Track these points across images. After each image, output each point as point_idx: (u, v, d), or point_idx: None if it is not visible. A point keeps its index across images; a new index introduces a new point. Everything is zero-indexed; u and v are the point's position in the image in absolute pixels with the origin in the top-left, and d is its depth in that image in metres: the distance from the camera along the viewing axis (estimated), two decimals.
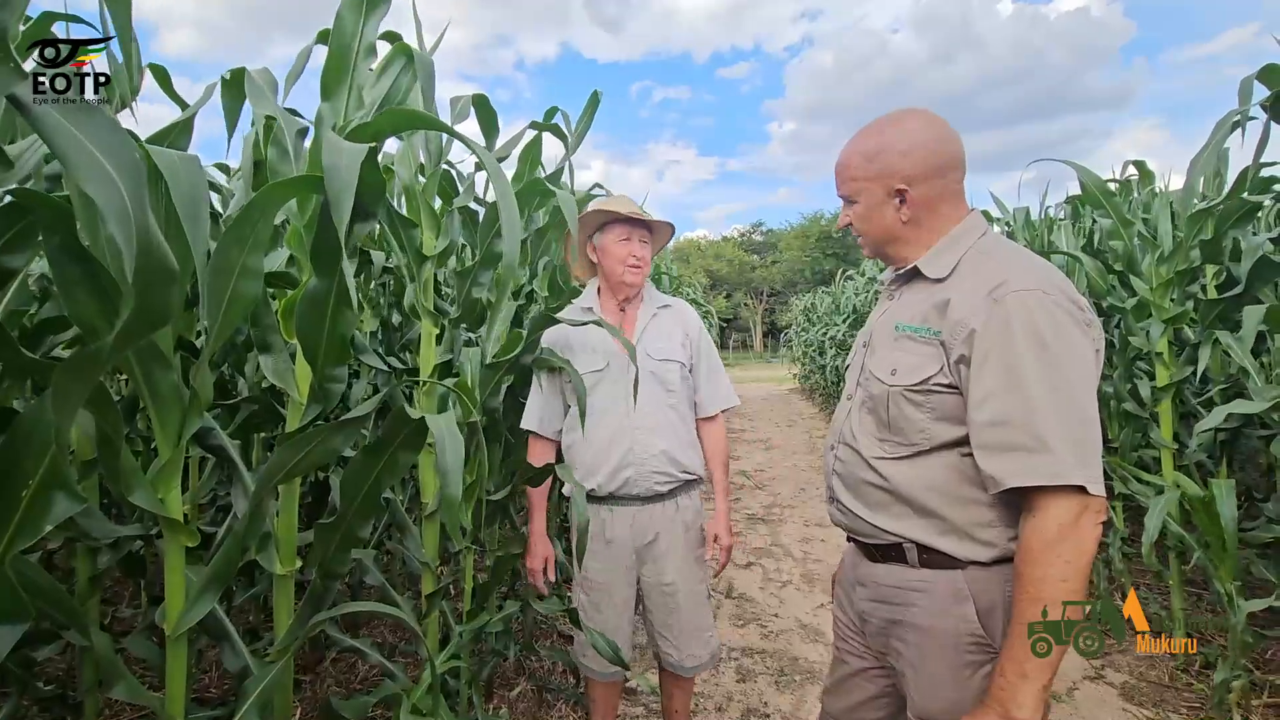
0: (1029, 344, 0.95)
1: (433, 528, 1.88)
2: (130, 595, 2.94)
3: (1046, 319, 0.97)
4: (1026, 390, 0.94)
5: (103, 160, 0.64)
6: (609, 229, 1.94)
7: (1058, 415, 0.93)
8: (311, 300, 1.13)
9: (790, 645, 3.03)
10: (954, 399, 1.04)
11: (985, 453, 0.98)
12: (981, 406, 0.98)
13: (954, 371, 1.03)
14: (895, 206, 1.14)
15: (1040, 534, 0.92)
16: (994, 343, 0.97)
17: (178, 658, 1.11)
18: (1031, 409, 0.93)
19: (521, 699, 2.51)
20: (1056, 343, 0.96)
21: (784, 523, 5.04)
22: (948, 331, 1.03)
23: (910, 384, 1.07)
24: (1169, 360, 2.64)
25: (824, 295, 13.28)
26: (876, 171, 1.14)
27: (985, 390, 0.98)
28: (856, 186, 1.17)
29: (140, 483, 1.03)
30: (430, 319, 1.84)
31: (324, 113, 1.33)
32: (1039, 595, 0.92)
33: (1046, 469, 0.92)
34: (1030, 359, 0.95)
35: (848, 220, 1.22)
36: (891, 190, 1.13)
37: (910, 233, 1.15)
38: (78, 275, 0.90)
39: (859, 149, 1.17)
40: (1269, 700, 2.33)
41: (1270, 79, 1.86)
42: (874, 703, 1.24)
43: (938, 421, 1.06)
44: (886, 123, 1.15)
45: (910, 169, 1.11)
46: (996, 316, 0.98)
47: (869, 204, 1.16)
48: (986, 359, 0.98)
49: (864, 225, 1.19)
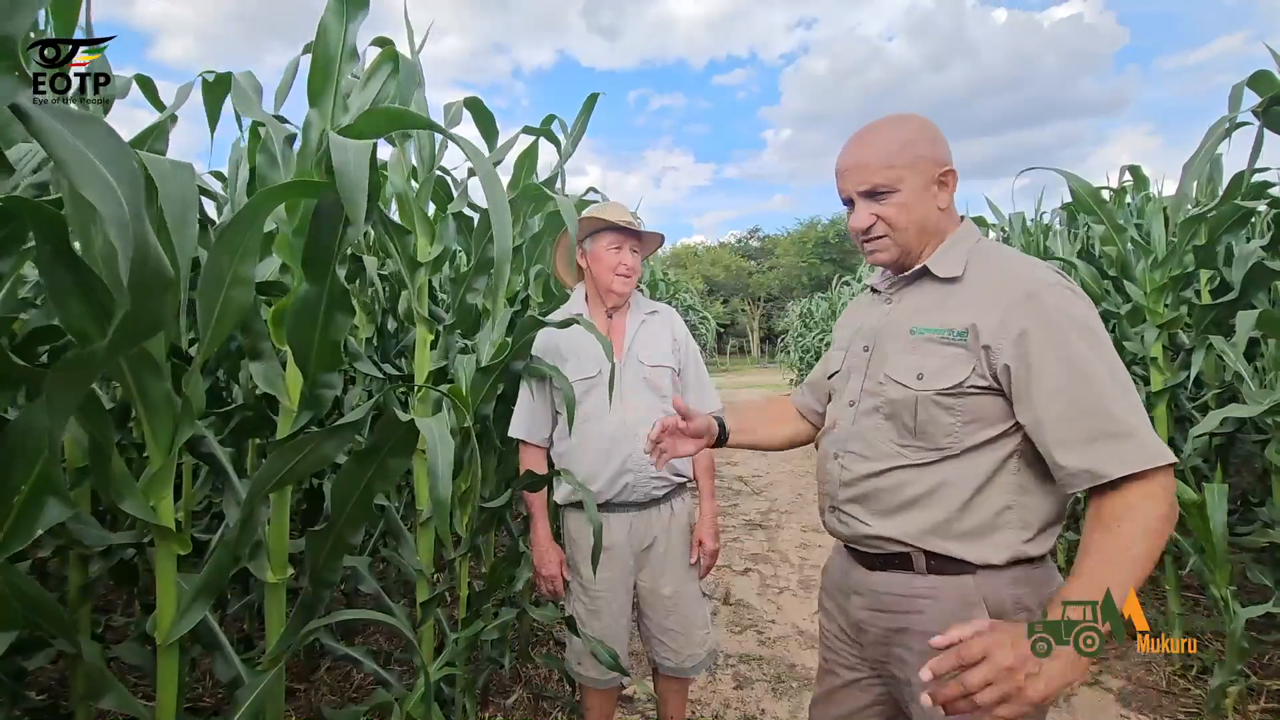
0: (1081, 335, 0.98)
1: (427, 535, 1.87)
2: (124, 604, 2.92)
3: (1081, 309, 1.01)
4: (1095, 380, 0.95)
5: (102, 168, 0.64)
6: (600, 236, 1.94)
7: (1127, 398, 0.95)
8: (302, 306, 1.13)
9: (788, 652, 3.02)
10: (989, 400, 1.04)
11: (1069, 448, 0.96)
12: (1051, 403, 0.97)
13: (1001, 373, 1.02)
14: (935, 193, 1.14)
15: (1149, 516, 0.91)
16: (1049, 340, 0.98)
17: (169, 667, 1.11)
18: (1107, 396, 0.95)
19: (517, 707, 2.49)
20: (1098, 329, 1.00)
21: (781, 528, 5.03)
22: (990, 335, 1.02)
23: (941, 388, 1.06)
24: (1163, 365, 2.65)
25: (820, 301, 13.31)
26: (915, 157, 1.11)
27: (1051, 387, 0.97)
28: (895, 174, 1.11)
29: (131, 491, 1.03)
30: (425, 325, 1.83)
31: (311, 118, 1.33)
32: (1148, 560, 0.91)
33: (1142, 454, 0.92)
34: (1086, 350, 0.97)
35: (874, 216, 1.14)
36: (934, 176, 1.13)
37: (943, 222, 1.16)
38: (69, 282, 0.89)
39: (890, 139, 1.13)
40: (1266, 705, 2.32)
41: (1261, 85, 1.88)
42: (866, 712, 1.23)
43: (968, 424, 1.05)
44: (897, 118, 1.15)
45: (945, 156, 1.14)
46: (1040, 313, 0.99)
47: (912, 191, 1.12)
48: (1045, 356, 0.98)
49: (902, 216, 1.13)
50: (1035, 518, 1.05)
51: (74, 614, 1.58)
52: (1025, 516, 1.04)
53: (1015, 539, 1.04)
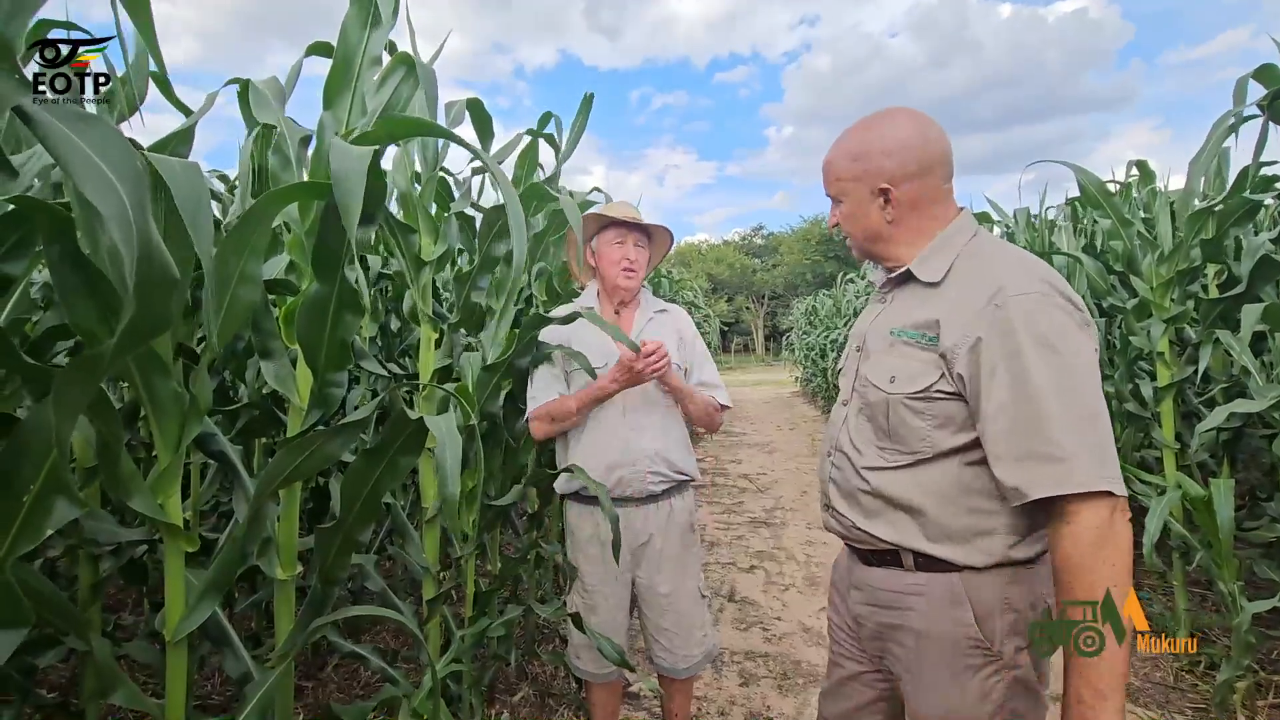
0: (1036, 350, 0.94)
1: (433, 533, 1.88)
2: (134, 602, 2.95)
3: (1048, 322, 0.96)
4: (1039, 398, 0.92)
5: (104, 168, 0.65)
6: (605, 233, 1.96)
7: (1073, 420, 0.92)
8: (313, 305, 1.14)
9: (793, 649, 3.02)
10: (956, 405, 1.03)
11: (1004, 464, 0.96)
12: (996, 417, 0.96)
13: (958, 380, 1.01)
14: (879, 206, 1.13)
15: (1079, 543, 0.90)
16: (1001, 351, 0.96)
17: (178, 663, 1.12)
18: (1047, 416, 0.92)
19: (523, 704, 2.50)
20: (1062, 345, 0.95)
21: (786, 526, 5.03)
22: (951, 340, 1.02)
23: (911, 392, 1.06)
24: (1170, 360, 2.63)
25: (825, 298, 13.27)
26: (861, 171, 1.14)
27: (998, 401, 0.96)
28: (842, 187, 1.17)
29: (140, 488, 1.04)
30: (429, 324, 1.84)
31: (326, 121, 1.34)
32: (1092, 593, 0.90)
33: (1071, 478, 0.90)
34: (1039, 365, 0.93)
35: (835, 220, 1.22)
36: (875, 190, 1.13)
37: (896, 232, 1.15)
38: (78, 283, 0.90)
39: (844, 149, 1.17)
40: (1274, 701, 2.31)
41: (1266, 78, 1.87)
42: (871, 707, 1.23)
43: (939, 429, 1.04)
44: (871, 122, 1.15)
45: (894, 169, 1.11)
46: (1000, 323, 0.97)
47: (854, 204, 1.16)
48: (996, 369, 0.96)
49: (850, 225, 1.19)
50: (1021, 522, 1.02)
51: (85, 612, 1.60)
52: (1010, 521, 1.02)
53: (1000, 545, 1.03)
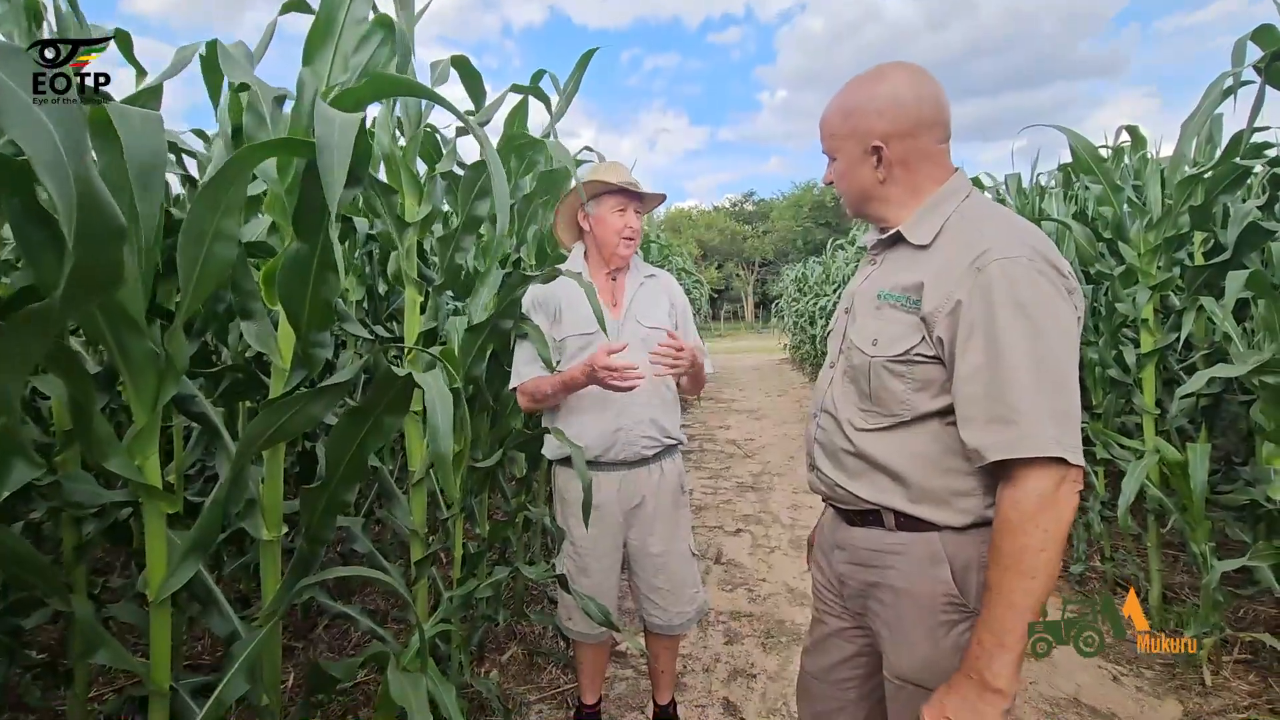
0: (1012, 315, 0.94)
1: (420, 495, 1.88)
2: (122, 564, 2.95)
3: (1029, 287, 0.95)
4: (1010, 363, 0.93)
5: (36, 109, 0.60)
6: (605, 199, 1.93)
7: (1039, 387, 0.92)
8: (294, 264, 1.11)
9: (777, 608, 3.09)
10: (936, 369, 1.03)
11: (968, 426, 0.97)
12: (970, 379, 0.97)
13: (937, 344, 1.02)
14: (872, 165, 1.12)
15: (1019, 505, 0.92)
16: (978, 314, 0.96)
17: (161, 623, 1.12)
18: (1012, 381, 0.92)
19: (512, 663, 2.55)
20: (1039, 312, 0.94)
21: (773, 490, 5.10)
22: (933, 302, 1.01)
23: (892, 355, 1.06)
24: (1154, 327, 2.65)
25: (815, 265, 13.24)
26: (852, 128, 1.12)
27: (971, 364, 0.96)
28: (835, 143, 1.16)
29: (116, 450, 1.02)
30: (414, 286, 1.81)
31: (305, 78, 1.29)
32: (1017, 566, 0.91)
33: (1027, 442, 0.91)
34: (1014, 331, 0.94)
35: (830, 178, 1.21)
36: (867, 148, 1.11)
37: (888, 191, 1.13)
38: (41, 238, 0.87)
39: (838, 105, 1.15)
40: (1239, 656, 2.40)
41: (1264, 40, 1.84)
42: (851, 661, 1.27)
43: (919, 392, 1.05)
44: (867, 79, 1.13)
45: (886, 126, 1.09)
46: (980, 286, 0.97)
47: (847, 161, 1.15)
48: (972, 332, 0.97)
49: (842, 183, 1.18)
50: (996, 482, 1.02)
51: (69, 574, 1.59)
52: (987, 482, 1.02)
53: (978, 505, 1.04)
